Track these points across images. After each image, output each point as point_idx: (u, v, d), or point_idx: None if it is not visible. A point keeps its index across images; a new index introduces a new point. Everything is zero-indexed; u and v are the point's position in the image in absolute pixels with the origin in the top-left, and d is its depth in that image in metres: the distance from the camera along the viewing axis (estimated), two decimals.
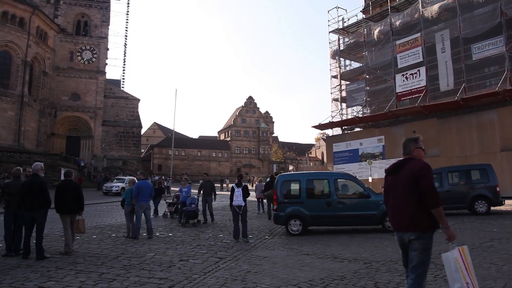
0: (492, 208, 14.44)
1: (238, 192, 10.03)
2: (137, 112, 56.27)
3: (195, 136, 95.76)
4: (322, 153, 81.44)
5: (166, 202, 16.06)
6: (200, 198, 14.03)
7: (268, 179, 19.47)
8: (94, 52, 49.96)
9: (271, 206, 14.94)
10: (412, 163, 3.83)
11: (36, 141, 43.68)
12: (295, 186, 11.64)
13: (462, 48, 22.22)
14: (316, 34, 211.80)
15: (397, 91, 25.84)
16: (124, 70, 65.25)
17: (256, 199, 18.62)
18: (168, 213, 15.51)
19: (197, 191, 14.66)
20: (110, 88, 54.33)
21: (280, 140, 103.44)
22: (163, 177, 45.01)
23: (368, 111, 29.25)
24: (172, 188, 34.38)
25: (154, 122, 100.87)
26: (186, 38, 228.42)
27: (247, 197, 10.28)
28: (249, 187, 28.23)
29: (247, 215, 10.47)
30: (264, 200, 17.78)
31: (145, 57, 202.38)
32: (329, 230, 11.59)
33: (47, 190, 7.65)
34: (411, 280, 3.72)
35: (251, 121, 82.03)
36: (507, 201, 18.21)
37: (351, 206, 10.99)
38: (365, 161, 26.35)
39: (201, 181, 15.60)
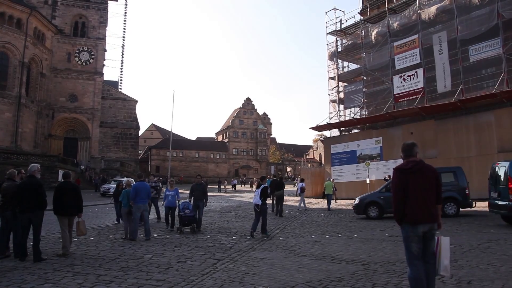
0: (461, 209, 14.61)
1: (257, 192, 11.00)
2: (135, 113, 56.19)
3: (193, 138, 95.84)
4: (320, 154, 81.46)
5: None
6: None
7: (268, 180, 20.16)
8: (91, 53, 49.93)
9: (279, 205, 16.65)
10: (428, 165, 4.50)
11: (33, 143, 43.59)
12: None
13: (459, 50, 22.30)
14: (314, 35, 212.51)
15: (394, 93, 25.90)
16: (121, 71, 65.51)
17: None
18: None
19: (186, 194, 14.13)
20: (107, 89, 54.27)
21: (277, 141, 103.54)
22: (160, 178, 44.87)
23: (366, 112, 29.30)
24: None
25: (152, 124, 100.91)
26: (184, 39, 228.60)
27: (267, 197, 11.14)
28: (251, 188, 28.75)
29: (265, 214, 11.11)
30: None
31: (143, 59, 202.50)
32: (326, 231, 11.59)
33: (44, 191, 7.61)
34: (431, 264, 4.38)
35: (249, 122, 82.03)
36: None
37: None
38: (363, 162, 26.38)
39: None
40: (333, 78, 32.06)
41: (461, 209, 14.55)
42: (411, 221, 4.31)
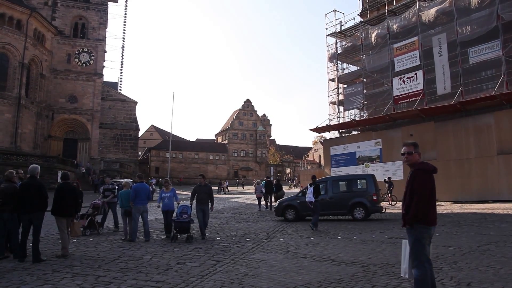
0: (372, 214, 15.12)
1: (310, 190, 12.42)
2: (135, 114, 56.14)
3: (193, 139, 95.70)
4: (320, 156, 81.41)
5: (78, 215, 11.16)
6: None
7: (264, 182, 20.87)
8: (91, 54, 49.93)
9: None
10: None
11: (33, 144, 43.55)
12: None
13: (459, 52, 22.33)
14: (314, 37, 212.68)
15: (394, 95, 25.93)
16: (121, 72, 65.34)
17: (256, 198, 20.94)
18: (81, 228, 11.17)
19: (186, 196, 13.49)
20: (107, 90, 54.23)
21: (277, 143, 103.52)
22: (159, 180, 44.36)
23: (366, 114, 29.33)
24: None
25: (152, 125, 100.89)
26: (184, 40, 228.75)
27: (319, 195, 12.51)
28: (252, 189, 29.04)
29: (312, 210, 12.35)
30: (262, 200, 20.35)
31: (143, 60, 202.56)
32: (325, 233, 11.57)
33: (46, 193, 7.61)
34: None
35: (249, 124, 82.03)
36: (504, 205, 18.26)
37: None
38: (363, 164, 26.40)
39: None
40: (332, 80, 32.11)
41: (372, 214, 15.13)
42: (428, 222, 4.24)
